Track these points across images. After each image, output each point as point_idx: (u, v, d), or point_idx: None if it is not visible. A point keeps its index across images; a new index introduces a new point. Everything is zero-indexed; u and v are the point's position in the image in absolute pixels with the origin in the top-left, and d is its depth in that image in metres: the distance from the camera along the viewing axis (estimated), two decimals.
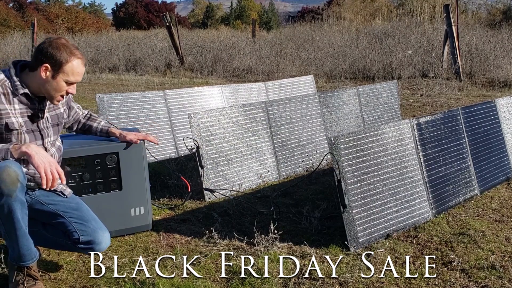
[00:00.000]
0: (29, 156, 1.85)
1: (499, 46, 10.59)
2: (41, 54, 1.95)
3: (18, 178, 1.81)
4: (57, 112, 2.20)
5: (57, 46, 1.96)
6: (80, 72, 2.03)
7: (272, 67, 11.02)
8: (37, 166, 1.84)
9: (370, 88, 4.69)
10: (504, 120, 3.64)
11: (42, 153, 1.88)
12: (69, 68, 1.98)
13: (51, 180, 1.85)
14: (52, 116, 2.15)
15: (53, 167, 1.87)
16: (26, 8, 34.90)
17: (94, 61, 13.47)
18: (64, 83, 2.01)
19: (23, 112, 2.00)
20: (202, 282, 2.17)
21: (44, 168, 1.84)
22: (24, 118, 2.00)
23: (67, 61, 1.97)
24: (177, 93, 4.49)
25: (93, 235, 2.04)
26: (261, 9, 55.88)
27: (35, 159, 1.84)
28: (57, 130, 2.19)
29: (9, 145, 1.89)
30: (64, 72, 1.98)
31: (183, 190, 3.44)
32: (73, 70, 2.00)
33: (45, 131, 2.09)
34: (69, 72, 1.99)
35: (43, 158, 1.86)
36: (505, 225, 2.76)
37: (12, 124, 1.95)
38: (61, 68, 1.97)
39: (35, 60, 1.97)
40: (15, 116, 1.97)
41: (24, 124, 2.00)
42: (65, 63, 1.97)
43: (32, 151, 1.86)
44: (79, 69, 2.02)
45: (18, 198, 1.83)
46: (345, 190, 2.48)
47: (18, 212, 1.86)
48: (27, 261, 2.02)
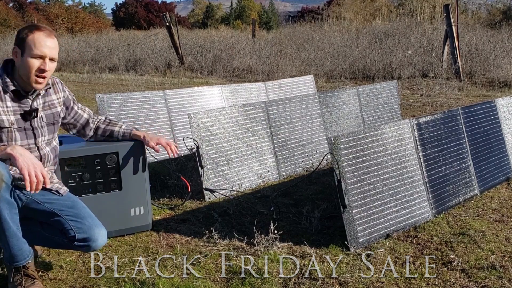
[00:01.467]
0: (13, 158, 1.83)
1: (499, 46, 10.59)
2: (15, 40, 1.99)
3: (2, 178, 1.80)
4: (53, 111, 2.19)
5: (24, 28, 1.97)
6: (43, 43, 1.97)
7: (272, 67, 11.01)
8: (20, 168, 1.81)
9: (370, 88, 4.69)
10: (504, 120, 3.64)
11: (27, 155, 1.85)
12: (31, 41, 1.96)
13: (35, 182, 1.81)
14: (47, 115, 2.14)
15: (38, 170, 1.83)
16: (26, 8, 34.92)
17: (94, 61, 13.47)
18: (32, 59, 1.96)
19: (16, 110, 1.99)
20: (202, 282, 2.17)
21: (28, 170, 1.81)
22: (16, 116, 1.99)
23: (27, 34, 1.96)
24: (177, 93, 4.49)
25: (89, 232, 2.03)
26: (261, 9, 55.89)
27: (19, 161, 1.82)
28: (52, 129, 2.18)
29: None
30: (28, 46, 1.96)
31: (183, 190, 3.44)
32: (35, 41, 1.96)
33: (38, 130, 2.08)
34: (32, 45, 1.95)
35: (27, 161, 1.83)
36: (505, 225, 2.76)
37: (1, 122, 1.94)
38: (24, 44, 1.96)
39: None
40: (6, 113, 1.96)
41: (16, 122, 1.98)
42: (26, 37, 1.96)
43: (16, 153, 1.83)
44: (42, 40, 1.97)
45: (4, 197, 1.82)
46: (345, 190, 2.48)
47: (5, 212, 1.84)
48: (20, 261, 2.00)
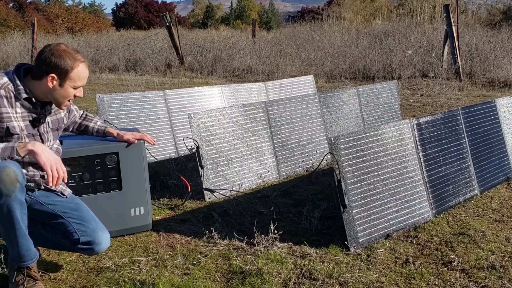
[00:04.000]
0: (35, 154, 1.86)
1: (499, 46, 10.58)
2: (45, 64, 1.95)
3: (17, 178, 1.81)
4: (58, 116, 2.20)
5: (60, 54, 1.96)
6: (85, 75, 2.05)
7: (272, 67, 11.01)
8: (43, 163, 1.85)
9: (370, 88, 4.69)
10: (504, 120, 3.64)
11: (48, 151, 1.90)
12: (75, 74, 2.00)
13: (56, 177, 1.87)
14: (53, 121, 2.16)
15: (59, 165, 1.89)
16: (26, 8, 34.90)
17: (94, 61, 13.46)
18: (72, 88, 2.03)
19: (25, 116, 2.01)
20: (202, 282, 2.17)
21: (50, 166, 1.86)
22: (25, 122, 2.01)
23: (72, 68, 1.98)
24: (177, 93, 4.49)
25: (93, 235, 2.05)
26: (261, 9, 55.92)
27: (42, 157, 1.86)
28: (56, 135, 2.20)
29: (14, 143, 1.89)
30: (71, 78, 2.00)
31: (183, 190, 3.44)
32: (79, 75, 2.02)
33: (45, 135, 2.09)
34: (76, 78, 2.01)
35: (49, 156, 1.88)
36: (505, 225, 2.76)
37: (13, 128, 1.95)
38: (67, 76, 1.98)
39: (39, 70, 1.97)
40: (17, 120, 1.97)
41: (25, 128, 2.00)
42: (71, 70, 1.98)
43: (38, 149, 1.87)
44: (84, 73, 2.04)
45: (17, 198, 1.84)
46: (345, 190, 2.48)
47: (17, 212, 1.86)
48: (27, 261, 2.02)
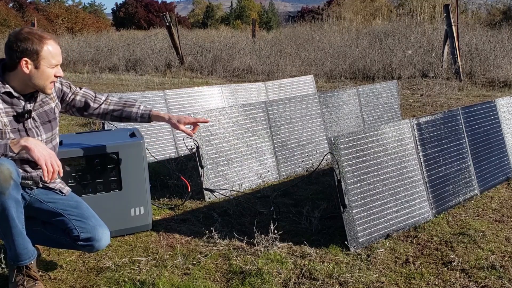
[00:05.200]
0: (28, 149, 1.84)
1: (499, 46, 10.58)
2: (14, 51, 1.93)
3: (11, 175, 1.80)
4: (46, 108, 2.13)
5: (25, 37, 1.95)
6: (58, 52, 2.02)
7: (272, 67, 11.01)
8: (37, 158, 1.83)
9: (370, 88, 4.69)
10: (504, 120, 3.64)
11: (41, 146, 1.88)
12: (47, 52, 1.98)
13: (51, 172, 1.86)
14: (40, 114, 2.10)
15: (53, 159, 1.88)
16: (26, 8, 34.93)
17: (94, 61, 13.46)
18: (49, 68, 2.00)
19: (8, 111, 1.98)
20: (202, 282, 2.17)
21: (44, 160, 1.84)
22: (8, 118, 1.97)
23: (42, 46, 1.96)
24: (177, 93, 4.49)
25: (93, 232, 2.04)
26: (261, 9, 55.93)
27: (35, 152, 1.84)
28: (49, 127, 2.13)
29: (7, 140, 1.87)
30: (44, 57, 1.97)
31: (183, 190, 3.44)
32: (51, 52, 1.99)
33: (33, 130, 2.05)
34: (49, 56, 1.98)
35: (42, 151, 1.86)
36: (505, 225, 2.76)
37: None
38: (39, 56, 1.96)
39: (10, 60, 1.95)
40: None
41: (9, 123, 1.97)
42: (41, 49, 1.96)
43: (31, 144, 1.85)
44: (55, 49, 2.01)
45: (12, 196, 1.82)
46: (345, 190, 2.48)
47: (12, 211, 1.84)
48: (24, 260, 2.01)
